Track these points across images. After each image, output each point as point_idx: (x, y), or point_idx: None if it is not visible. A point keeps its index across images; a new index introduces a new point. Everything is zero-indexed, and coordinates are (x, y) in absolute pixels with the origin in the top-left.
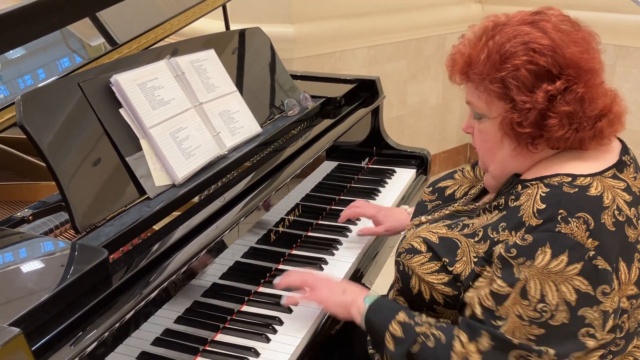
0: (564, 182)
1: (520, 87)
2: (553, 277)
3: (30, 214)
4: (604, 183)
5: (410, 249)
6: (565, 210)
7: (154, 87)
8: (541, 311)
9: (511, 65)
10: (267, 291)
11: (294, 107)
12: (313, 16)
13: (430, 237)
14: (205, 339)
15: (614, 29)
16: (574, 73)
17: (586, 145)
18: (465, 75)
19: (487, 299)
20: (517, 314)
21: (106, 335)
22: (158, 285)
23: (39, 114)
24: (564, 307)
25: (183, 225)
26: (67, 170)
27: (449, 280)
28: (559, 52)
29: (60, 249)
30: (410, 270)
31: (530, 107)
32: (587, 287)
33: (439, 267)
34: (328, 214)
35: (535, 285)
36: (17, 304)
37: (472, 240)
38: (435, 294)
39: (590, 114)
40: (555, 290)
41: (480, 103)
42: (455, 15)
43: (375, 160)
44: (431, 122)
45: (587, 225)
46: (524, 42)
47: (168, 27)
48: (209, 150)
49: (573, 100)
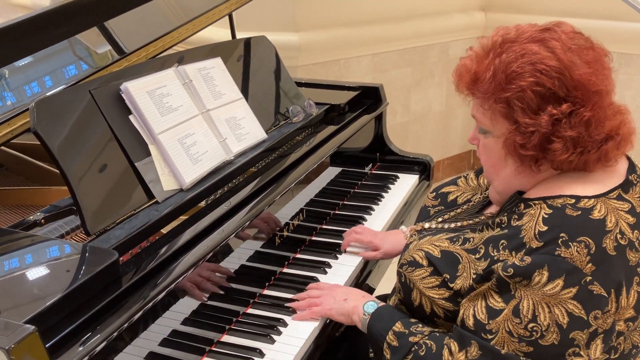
0: (567, 204)
1: (525, 108)
2: (547, 299)
3: (42, 217)
4: (608, 205)
5: (412, 262)
6: (566, 234)
7: (163, 94)
8: (532, 330)
9: (516, 86)
10: (272, 294)
11: (298, 114)
12: (318, 24)
13: (432, 251)
14: (211, 340)
15: (617, 36)
16: (582, 95)
17: (590, 167)
18: (470, 91)
19: (481, 312)
20: (507, 330)
21: (115, 335)
22: (165, 287)
23: (52, 120)
24: (554, 329)
25: (190, 229)
26: (78, 175)
27: (450, 296)
28: (566, 74)
29: (72, 251)
30: (412, 283)
31: (534, 130)
32: (580, 312)
33: (440, 282)
34: (332, 218)
35: (529, 305)
36: (31, 303)
37: (473, 257)
38: (436, 308)
39: (597, 137)
40: (547, 312)
41: (485, 120)
42: (459, 23)
43: (379, 166)
44: (435, 128)
45: (589, 249)
46: (531, 63)
47: (176, 35)
48: (216, 156)
49: (578, 124)
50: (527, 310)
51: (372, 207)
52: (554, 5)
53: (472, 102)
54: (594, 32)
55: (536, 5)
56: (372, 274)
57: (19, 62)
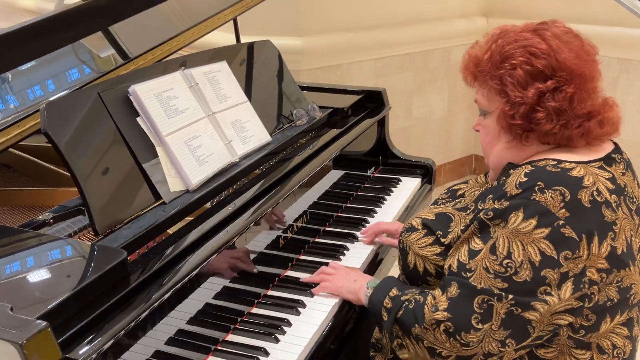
0: (548, 164)
1: (515, 84)
2: (521, 237)
3: (51, 217)
4: (588, 169)
5: (410, 228)
6: (543, 182)
7: (170, 97)
8: (506, 266)
9: (509, 64)
10: (276, 294)
11: (302, 117)
12: (321, 29)
13: (428, 216)
14: (216, 339)
15: (617, 42)
16: (566, 76)
17: (574, 142)
18: (473, 75)
19: (463, 255)
20: (484, 267)
21: (123, 333)
22: (172, 287)
23: (62, 121)
24: (527, 266)
25: (196, 230)
26: (87, 175)
27: (441, 251)
28: (553, 55)
29: (81, 250)
30: (408, 247)
31: (522, 101)
32: (552, 251)
33: (433, 240)
34: (335, 221)
35: (504, 243)
36: (43, 300)
37: (464, 213)
38: (428, 266)
39: (579, 112)
40: (521, 249)
41: (483, 100)
42: (461, 28)
43: (381, 169)
44: (437, 133)
45: (563, 197)
46: (523, 46)
47: (181, 39)
48: (221, 158)
49: (562, 99)
50: (503, 248)
51: (375, 209)
52: (556, 10)
53: (476, 89)
54: (594, 37)
55: (538, 10)
56: (375, 275)
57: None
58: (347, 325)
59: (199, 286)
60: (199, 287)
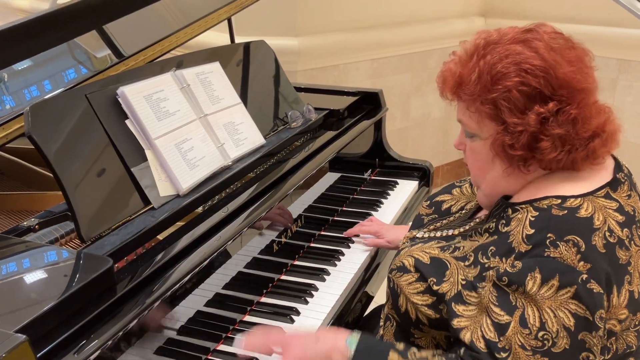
0: (553, 205)
1: (511, 108)
2: (548, 302)
3: (36, 223)
4: (595, 204)
5: (401, 267)
6: (553, 234)
7: (160, 98)
8: (542, 339)
9: (502, 86)
10: (270, 301)
11: (297, 119)
12: (317, 29)
13: (422, 258)
14: (207, 349)
15: (616, 43)
16: (567, 94)
17: (579, 165)
18: (456, 95)
19: (488, 331)
20: (519, 344)
21: (110, 344)
22: (161, 295)
23: (47, 124)
24: (564, 333)
25: (187, 235)
26: (73, 180)
27: (432, 303)
28: (551, 72)
29: (66, 257)
30: (399, 289)
31: (522, 129)
32: (585, 312)
33: (425, 287)
34: (331, 225)
35: (534, 313)
36: (23, 311)
37: (462, 264)
38: (420, 315)
39: (584, 135)
40: (553, 316)
41: (471, 123)
42: (458, 28)
43: (378, 172)
44: (434, 134)
45: (578, 248)
46: (515, 63)
47: (174, 39)
48: (213, 161)
49: (565, 122)
50: (534, 319)
51: (372, 213)
52: (553, 11)
53: (458, 106)
54: (593, 38)
55: (535, 11)
56: (372, 281)
57: (18, 66)
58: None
59: (189, 294)
60: (190, 295)
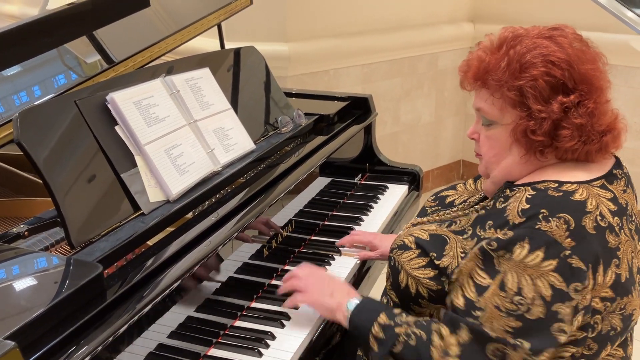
0: (550, 187)
1: (537, 96)
2: (529, 271)
3: (25, 230)
4: (590, 190)
5: (402, 245)
6: (547, 209)
7: (149, 104)
8: (518, 303)
9: (530, 75)
10: (260, 306)
11: (287, 124)
12: (307, 35)
13: (421, 235)
14: (198, 354)
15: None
16: (586, 89)
17: (592, 157)
18: (480, 81)
19: (470, 291)
20: (495, 305)
21: (100, 350)
22: (151, 300)
23: (36, 130)
24: (539, 302)
25: (177, 241)
26: (62, 186)
27: (434, 275)
28: (574, 67)
29: (55, 264)
30: (400, 265)
31: (546, 116)
32: (561, 284)
33: (426, 262)
34: (321, 229)
35: (513, 278)
36: (12, 318)
37: (460, 237)
38: (421, 288)
39: (598, 128)
40: (531, 284)
41: (493, 109)
42: (448, 34)
43: (368, 176)
44: (424, 139)
45: (568, 225)
46: (542, 54)
47: (164, 45)
48: (203, 167)
49: (585, 114)
50: (512, 283)
51: (362, 217)
52: (542, 16)
53: (478, 94)
54: None
55: (524, 16)
56: (362, 285)
57: (7, 72)
58: (334, 338)
59: (180, 299)
60: (180, 300)
